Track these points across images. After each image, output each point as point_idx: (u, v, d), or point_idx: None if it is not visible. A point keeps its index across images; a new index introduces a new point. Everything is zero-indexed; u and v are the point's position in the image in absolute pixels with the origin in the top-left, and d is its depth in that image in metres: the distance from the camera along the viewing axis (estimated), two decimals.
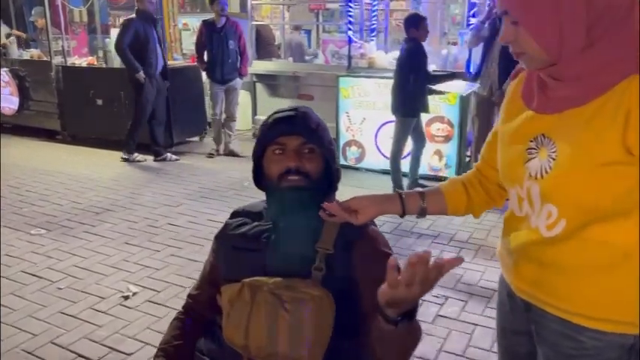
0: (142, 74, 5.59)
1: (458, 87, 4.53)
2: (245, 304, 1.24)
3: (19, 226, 4.01)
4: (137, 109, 5.83)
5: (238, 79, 5.97)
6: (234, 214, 1.48)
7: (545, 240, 1.01)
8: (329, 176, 1.35)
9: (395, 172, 4.59)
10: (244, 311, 1.23)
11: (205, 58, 5.86)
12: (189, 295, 1.50)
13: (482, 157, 1.30)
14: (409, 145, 4.66)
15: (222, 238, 1.44)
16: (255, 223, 1.39)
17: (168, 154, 5.95)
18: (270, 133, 1.31)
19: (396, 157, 4.57)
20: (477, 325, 2.72)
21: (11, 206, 4.44)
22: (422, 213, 1.27)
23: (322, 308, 1.20)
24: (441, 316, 2.80)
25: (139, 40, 5.59)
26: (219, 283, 1.39)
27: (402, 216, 1.27)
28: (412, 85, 4.29)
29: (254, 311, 1.22)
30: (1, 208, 4.36)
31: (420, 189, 1.31)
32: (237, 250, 1.38)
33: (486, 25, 4.41)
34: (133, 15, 5.66)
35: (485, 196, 1.28)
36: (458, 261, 0.90)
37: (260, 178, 1.39)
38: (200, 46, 5.87)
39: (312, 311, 1.19)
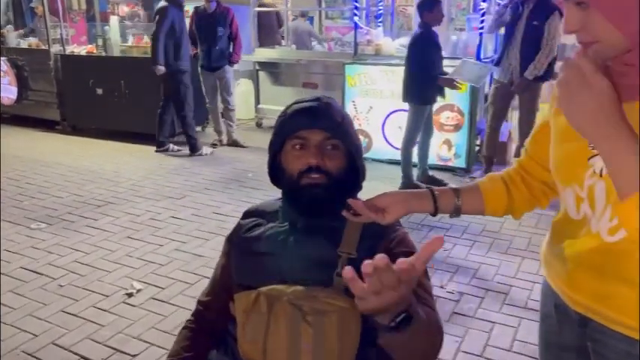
0: (160, 68, 5.35)
1: (471, 76, 4.38)
2: (262, 316, 1.13)
3: (18, 220, 3.91)
4: (180, 104, 5.58)
5: (227, 67, 5.75)
6: (247, 214, 1.36)
7: (607, 246, 0.89)
8: (353, 174, 1.23)
9: (406, 163, 4.46)
10: (261, 324, 1.12)
11: None
12: (199, 302, 1.38)
13: (526, 152, 1.17)
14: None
15: (235, 240, 1.33)
16: (271, 225, 1.28)
17: (171, 145, 5.81)
18: (289, 126, 1.20)
19: (407, 147, 4.43)
20: (494, 323, 2.62)
21: (11, 199, 4.33)
22: (456, 212, 1.15)
23: (347, 320, 1.09)
24: (457, 313, 2.70)
25: (175, 30, 5.34)
26: (232, 289, 1.29)
27: (433, 215, 1.15)
28: (426, 72, 4.15)
29: (272, 324, 1.11)
30: (0, 202, 4.25)
31: (453, 185, 1.19)
32: (251, 254, 1.26)
33: (508, 9, 4.28)
34: (165, 2, 5.35)
35: (528, 195, 1.15)
36: (437, 244, 0.77)
37: (276, 173, 1.28)
38: (191, 34, 5.71)
39: (336, 324, 1.08)
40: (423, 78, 4.19)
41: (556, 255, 1.03)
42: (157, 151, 5.75)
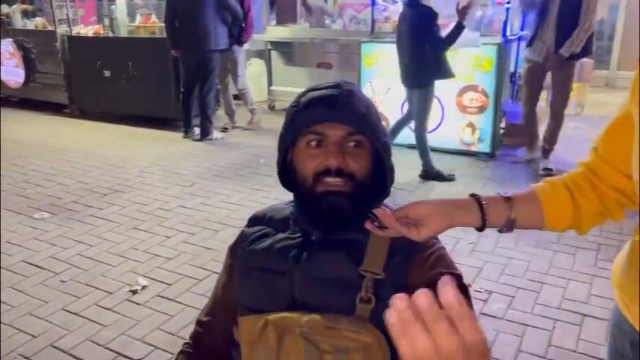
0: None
1: (469, 41, 4.08)
2: (269, 352, 0.93)
3: (22, 209, 3.75)
4: (208, 85, 5.35)
5: (236, 47, 5.45)
6: (253, 222, 1.15)
7: None
8: (379, 176, 1.02)
9: (423, 150, 4.19)
10: None
11: None
12: (199, 323, 1.18)
13: (596, 152, 0.94)
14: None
15: (238, 252, 1.12)
16: (281, 236, 1.07)
17: (195, 129, 5.52)
18: (303, 118, 0.97)
19: (421, 134, 4.15)
20: (527, 325, 2.40)
21: (15, 187, 4.18)
22: (509, 227, 0.92)
23: (374, 359, 0.89)
24: (486, 314, 2.48)
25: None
26: (236, 309, 1.09)
27: (480, 230, 0.93)
28: (425, 52, 3.84)
29: None
30: (2, 189, 4.10)
31: (507, 192, 0.95)
32: (257, 271, 1.06)
33: None
34: None
35: (598, 206, 0.92)
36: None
37: (287, 174, 1.06)
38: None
39: None
40: (421, 59, 3.88)
41: (636, 280, 0.81)
42: (185, 137, 5.50)
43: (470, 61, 4.44)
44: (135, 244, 3.22)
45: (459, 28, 3.78)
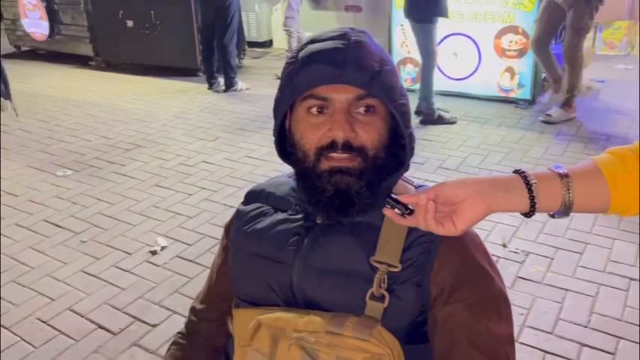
0: None
1: None
2: (262, 358, 0.79)
3: (45, 166, 3.70)
4: (228, 32, 5.10)
5: None
6: (250, 197, 0.99)
7: None
8: (395, 148, 0.83)
9: (427, 94, 3.96)
10: None
11: None
12: (193, 310, 1.06)
13: None
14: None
15: (233, 232, 0.97)
16: (280, 216, 0.91)
17: (220, 79, 5.30)
18: (302, 79, 0.78)
19: (426, 75, 3.94)
20: (567, 290, 2.22)
21: (39, 143, 4.14)
22: (565, 211, 0.74)
23: None
24: (523, 278, 2.31)
25: None
26: (231, 297, 0.95)
27: (528, 215, 0.75)
28: None
29: None
30: (27, 146, 4.07)
31: (560, 167, 0.75)
32: (252, 255, 0.91)
33: None
34: None
35: None
36: None
37: (285, 144, 0.89)
38: None
39: None
40: None
41: None
42: (210, 89, 5.31)
43: (509, 0, 4.08)
44: (156, 202, 3.13)
45: None
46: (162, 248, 2.67)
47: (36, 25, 6.76)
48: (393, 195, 0.75)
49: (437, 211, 0.72)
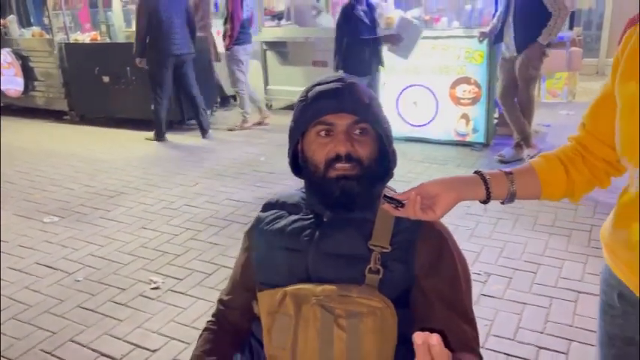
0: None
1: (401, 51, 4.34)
2: (289, 319, 1.04)
3: (31, 213, 3.85)
4: (192, 86, 5.61)
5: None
6: (267, 207, 1.26)
7: None
8: (383, 160, 1.12)
9: None
10: (289, 328, 1.03)
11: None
12: (220, 301, 1.29)
13: (584, 127, 1.05)
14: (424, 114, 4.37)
15: (255, 234, 1.23)
16: (294, 217, 1.18)
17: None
18: (312, 111, 1.08)
19: None
20: (525, 304, 2.51)
21: (22, 192, 4.28)
22: (510, 198, 1.03)
23: (384, 322, 1.00)
24: (486, 295, 2.60)
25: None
26: (254, 287, 1.19)
27: (484, 202, 1.04)
28: (355, 42, 4.16)
29: (301, 329, 1.02)
30: (10, 196, 4.20)
31: (506, 168, 1.07)
32: (274, 249, 1.17)
33: None
34: None
35: (589, 176, 1.03)
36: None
37: (297, 164, 1.17)
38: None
39: (372, 327, 0.99)
40: (347, 49, 4.16)
41: (622, 241, 0.92)
42: (159, 141, 5.65)
43: (461, 54, 4.55)
44: (144, 243, 3.32)
45: (379, 41, 4.25)
46: (162, 282, 2.83)
47: (11, 82, 6.95)
48: (387, 194, 1.03)
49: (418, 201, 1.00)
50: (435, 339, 0.66)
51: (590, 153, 1.03)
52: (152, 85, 5.48)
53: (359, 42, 4.15)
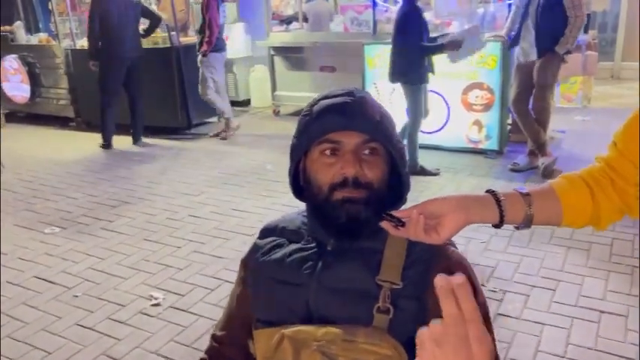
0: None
1: (467, 51, 4.06)
2: None
3: (32, 224, 3.76)
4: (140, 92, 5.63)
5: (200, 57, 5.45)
6: (265, 233, 1.14)
7: None
8: (395, 183, 1.00)
9: (413, 147, 4.20)
10: None
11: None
12: (214, 337, 1.17)
13: (615, 148, 0.92)
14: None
15: (252, 264, 1.11)
16: (294, 246, 1.06)
17: None
18: (317, 127, 0.95)
19: (413, 132, 4.20)
20: (544, 324, 2.37)
21: (25, 202, 4.20)
22: (526, 223, 0.90)
23: None
24: (502, 315, 2.46)
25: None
26: (251, 323, 1.07)
27: (497, 226, 0.91)
28: (413, 49, 3.94)
29: None
30: (12, 205, 4.12)
31: (523, 188, 0.92)
32: (271, 283, 1.05)
33: None
34: None
35: (618, 203, 0.90)
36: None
37: (299, 184, 1.05)
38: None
39: None
40: (411, 55, 3.96)
41: None
42: (105, 148, 5.62)
43: (474, 59, 4.41)
44: (146, 256, 3.21)
45: (440, 49, 3.96)
46: (163, 299, 2.72)
47: (17, 88, 6.90)
48: (387, 211, 0.90)
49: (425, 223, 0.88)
50: (459, 278, 0.54)
51: (621, 177, 0.90)
52: (101, 89, 5.51)
53: (422, 49, 3.95)
